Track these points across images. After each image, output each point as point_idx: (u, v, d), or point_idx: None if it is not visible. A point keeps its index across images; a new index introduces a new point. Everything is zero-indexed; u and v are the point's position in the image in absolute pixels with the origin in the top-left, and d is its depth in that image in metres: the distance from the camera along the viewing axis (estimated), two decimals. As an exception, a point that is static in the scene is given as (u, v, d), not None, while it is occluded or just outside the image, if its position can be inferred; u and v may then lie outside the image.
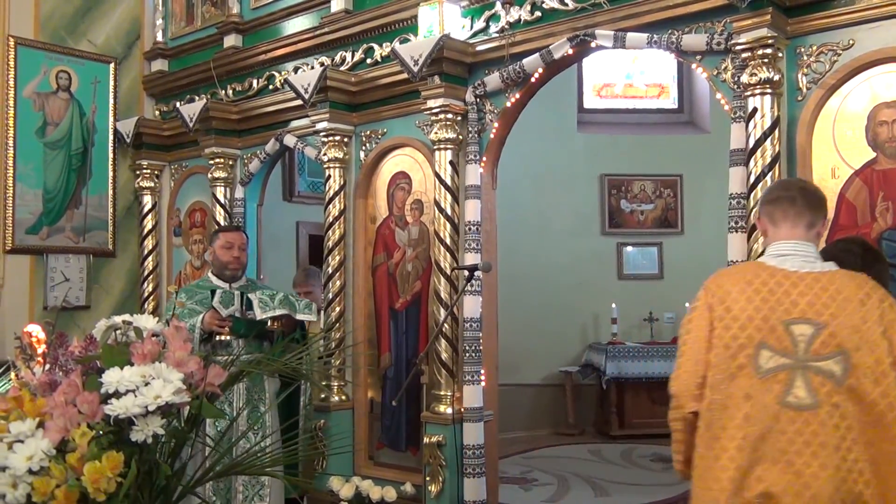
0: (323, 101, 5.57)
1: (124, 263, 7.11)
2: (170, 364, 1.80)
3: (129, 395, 1.72)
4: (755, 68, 3.90)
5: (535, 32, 4.85)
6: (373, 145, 5.68)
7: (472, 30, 5.14)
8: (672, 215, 9.96)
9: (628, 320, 9.34)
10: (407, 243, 5.49)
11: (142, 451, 1.75)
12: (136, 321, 1.94)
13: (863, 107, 3.79)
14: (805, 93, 3.94)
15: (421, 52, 4.89)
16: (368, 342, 5.62)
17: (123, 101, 7.12)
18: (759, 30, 3.86)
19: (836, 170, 3.84)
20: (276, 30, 6.37)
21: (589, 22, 4.60)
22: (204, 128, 6.40)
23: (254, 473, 2.07)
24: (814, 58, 3.93)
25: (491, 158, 5.16)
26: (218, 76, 6.61)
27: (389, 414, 5.48)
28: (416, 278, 5.42)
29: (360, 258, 5.68)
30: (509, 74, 4.88)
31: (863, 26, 3.80)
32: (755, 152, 3.89)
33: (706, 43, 4.16)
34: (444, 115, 5.03)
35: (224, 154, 6.47)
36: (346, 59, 5.85)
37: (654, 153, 9.74)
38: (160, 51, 7.16)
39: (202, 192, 6.81)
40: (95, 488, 1.58)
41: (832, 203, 3.83)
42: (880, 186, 3.72)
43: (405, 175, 5.55)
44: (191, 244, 6.95)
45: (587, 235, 9.72)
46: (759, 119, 3.89)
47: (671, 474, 7.06)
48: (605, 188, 9.88)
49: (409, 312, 5.45)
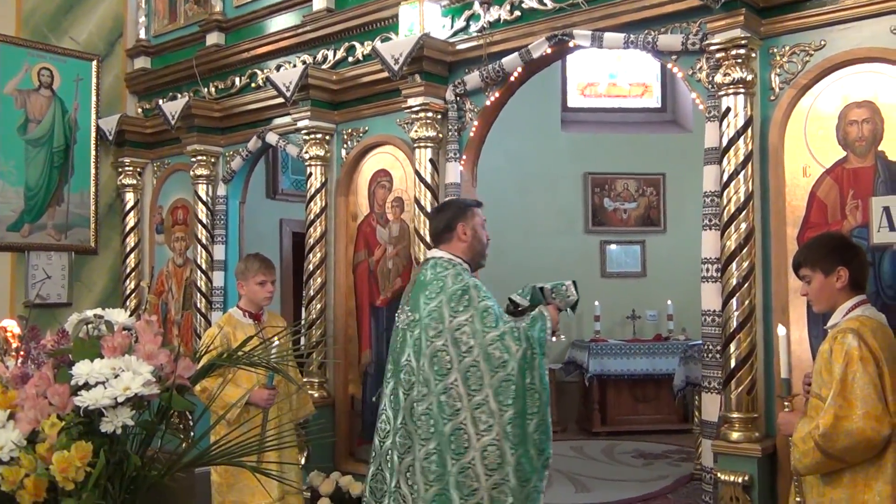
0: (304, 99, 5.61)
1: (106, 261, 7.12)
2: (140, 357, 1.82)
3: (99, 386, 1.74)
4: (729, 68, 3.95)
5: (514, 32, 4.90)
6: (354, 143, 5.71)
7: (453, 29, 5.19)
8: (655, 214, 10.04)
9: (611, 318, 9.41)
10: (388, 241, 5.53)
11: (112, 442, 1.78)
12: (108, 315, 1.97)
13: (834, 106, 3.85)
14: (778, 92, 4.00)
15: (401, 51, 4.93)
16: (349, 339, 5.65)
17: (106, 99, 7.13)
18: (733, 30, 3.91)
19: (807, 168, 3.90)
20: (258, 28, 6.40)
21: (567, 22, 4.65)
22: (186, 125, 6.42)
23: (227, 464, 2.09)
24: (786, 58, 3.99)
25: (471, 156, 5.20)
26: (200, 74, 6.62)
27: (370, 410, 5.51)
28: (397, 275, 5.45)
29: (342, 255, 5.71)
30: (489, 73, 4.92)
31: (834, 27, 3.86)
32: (728, 151, 3.95)
33: (681, 43, 4.22)
34: (425, 113, 5.07)
35: (206, 151, 6.49)
36: (328, 58, 5.88)
37: (637, 152, 9.81)
38: (143, 48, 7.17)
39: (184, 189, 6.83)
40: (64, 477, 1.61)
41: (803, 201, 3.89)
42: (850, 185, 3.78)
43: (386, 173, 5.58)
44: (173, 242, 6.96)
45: (570, 233, 9.78)
46: (733, 118, 3.95)
47: (651, 470, 7.17)
48: (589, 186, 9.94)
49: (389, 309, 5.48)
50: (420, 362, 3.33)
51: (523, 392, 3.28)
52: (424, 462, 3.26)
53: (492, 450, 3.22)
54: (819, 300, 3.11)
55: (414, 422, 3.33)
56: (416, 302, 3.43)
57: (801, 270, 3.14)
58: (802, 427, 2.96)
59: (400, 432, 3.38)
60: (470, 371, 3.26)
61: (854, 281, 3.05)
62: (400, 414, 3.39)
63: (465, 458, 3.25)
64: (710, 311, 4.07)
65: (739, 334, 3.88)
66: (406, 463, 3.35)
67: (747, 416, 3.85)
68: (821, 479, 3.00)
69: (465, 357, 3.27)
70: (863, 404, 2.81)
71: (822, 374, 2.98)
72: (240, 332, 4.04)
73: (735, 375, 3.87)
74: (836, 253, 3.07)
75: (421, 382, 3.31)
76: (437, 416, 3.27)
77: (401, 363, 3.43)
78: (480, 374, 3.25)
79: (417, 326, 3.37)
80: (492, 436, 3.22)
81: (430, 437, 3.27)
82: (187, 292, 6.72)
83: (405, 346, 3.42)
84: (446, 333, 3.30)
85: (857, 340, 2.87)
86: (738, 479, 3.76)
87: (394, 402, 3.45)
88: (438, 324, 3.32)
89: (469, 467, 3.24)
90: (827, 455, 2.86)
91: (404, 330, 3.45)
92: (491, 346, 3.27)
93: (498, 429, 3.23)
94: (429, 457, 3.25)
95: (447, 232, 3.58)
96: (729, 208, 3.93)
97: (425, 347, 3.32)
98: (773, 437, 3.86)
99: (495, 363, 3.26)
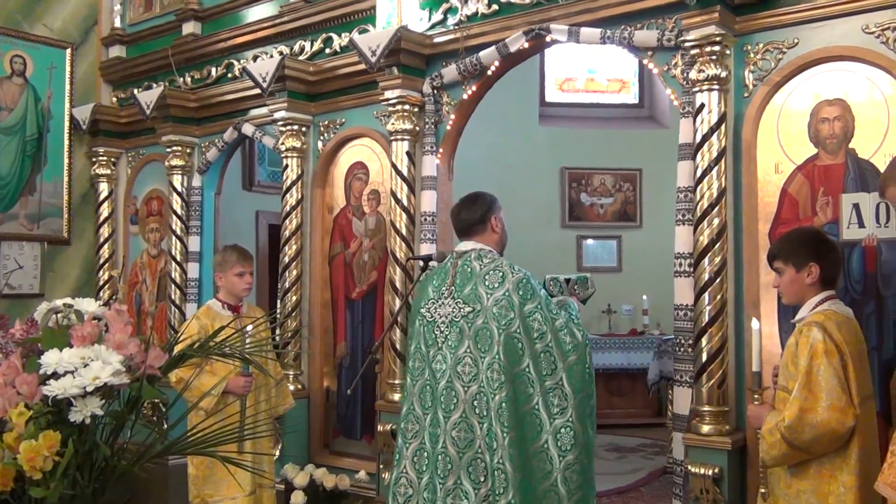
0: (281, 91, 5.59)
1: (79, 251, 7.05)
2: (110, 346, 1.82)
3: (68, 376, 1.74)
4: (703, 65, 3.98)
5: (491, 25, 4.90)
6: (331, 135, 5.70)
7: (430, 22, 5.18)
8: (631, 209, 10.10)
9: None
10: (364, 233, 5.52)
11: (81, 432, 1.78)
12: (77, 304, 1.96)
13: (806, 104, 3.89)
14: (751, 89, 4.04)
15: (379, 43, 4.92)
16: (324, 331, 5.64)
17: (80, 88, 7.05)
18: (708, 27, 3.94)
19: (779, 165, 3.94)
20: (235, 18, 6.36)
21: (544, 16, 4.66)
22: (161, 115, 6.38)
23: (196, 454, 2.09)
24: (760, 55, 4.02)
25: (447, 150, 5.21)
26: (176, 63, 6.57)
27: (345, 402, 5.52)
28: (373, 268, 5.45)
29: (317, 247, 5.70)
30: (466, 67, 4.93)
31: (807, 25, 3.89)
32: (702, 147, 3.98)
33: (657, 39, 4.25)
34: (402, 105, 5.07)
35: (181, 142, 6.45)
36: (305, 49, 5.86)
37: (614, 147, 9.86)
38: (118, 37, 7.11)
39: (159, 179, 6.78)
40: (31, 466, 1.60)
41: (775, 197, 3.94)
42: (821, 182, 3.83)
43: (362, 165, 5.58)
44: (147, 232, 6.92)
45: (548, 228, 9.82)
46: (707, 114, 3.98)
47: (625, 464, 7.21)
48: (566, 181, 9.99)
49: (365, 302, 5.49)
50: (494, 352, 3.33)
51: (588, 375, 3.45)
52: (511, 450, 3.27)
53: (565, 431, 3.34)
54: (788, 293, 3.17)
55: (485, 414, 3.33)
56: (473, 293, 3.43)
57: (774, 262, 3.20)
58: (770, 419, 3.01)
59: (460, 426, 3.37)
60: (542, 356, 3.36)
61: (825, 277, 3.10)
62: (458, 408, 3.38)
63: (538, 442, 3.34)
64: (682, 306, 4.10)
65: (711, 328, 3.91)
66: (467, 458, 3.34)
67: (718, 409, 3.89)
68: (788, 470, 3.05)
69: (536, 343, 3.35)
70: (827, 396, 2.86)
71: (788, 367, 3.03)
72: (218, 324, 4.01)
73: (706, 369, 3.91)
74: (810, 249, 3.12)
75: (497, 371, 3.32)
76: (514, 403, 3.32)
77: (457, 356, 3.40)
78: (553, 358, 3.36)
79: (481, 316, 3.39)
80: (565, 418, 3.34)
81: (513, 426, 3.30)
82: (161, 283, 6.68)
83: (462, 338, 3.40)
84: (517, 320, 3.33)
85: (822, 334, 2.92)
86: (709, 471, 3.80)
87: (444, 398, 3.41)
88: (509, 311, 3.34)
89: (542, 451, 3.33)
90: (793, 447, 2.91)
91: (457, 322, 3.42)
92: (561, 333, 3.39)
93: (571, 410, 3.35)
94: (512, 444, 3.27)
95: (481, 224, 3.62)
96: (702, 204, 3.96)
97: (498, 336, 3.34)
98: (743, 431, 3.91)
99: (566, 348, 3.39)
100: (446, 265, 3.58)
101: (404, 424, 3.52)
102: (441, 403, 3.39)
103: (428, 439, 3.41)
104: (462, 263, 3.51)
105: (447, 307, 3.47)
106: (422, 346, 3.50)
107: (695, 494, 3.84)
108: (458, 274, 3.50)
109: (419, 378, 3.48)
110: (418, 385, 3.48)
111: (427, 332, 3.49)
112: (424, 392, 3.45)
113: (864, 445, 2.93)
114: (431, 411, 3.41)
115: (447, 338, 3.43)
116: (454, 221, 3.71)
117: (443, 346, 3.43)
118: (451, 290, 3.48)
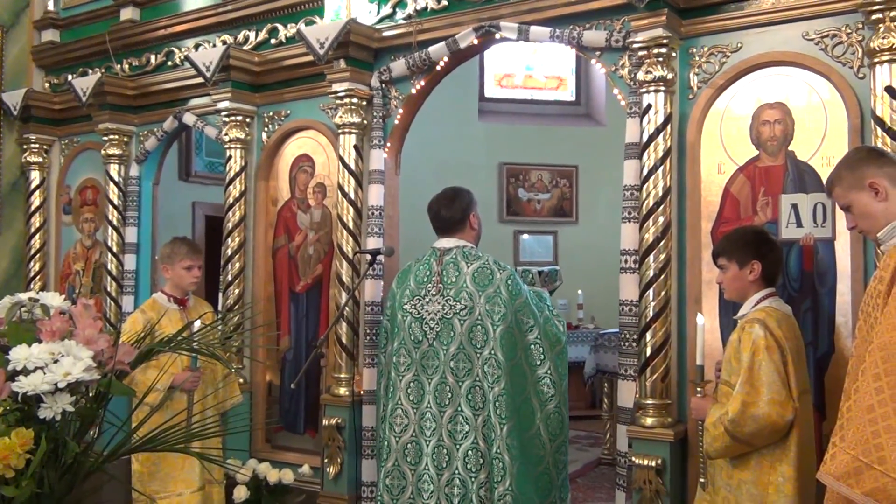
0: (225, 81, 5.49)
1: (8, 241, 6.81)
2: (79, 341, 1.79)
3: (38, 372, 1.70)
4: (651, 66, 4.08)
5: (440, 21, 4.91)
6: (275, 127, 5.63)
7: (379, 15, 5.16)
8: (567, 205, 10.26)
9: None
10: (309, 226, 5.48)
11: (49, 429, 1.74)
12: (43, 298, 1.92)
13: (748, 107, 4.01)
14: (696, 91, 4.15)
15: (327, 36, 4.88)
16: (268, 325, 5.59)
17: (10, 72, 6.80)
18: (655, 29, 4.03)
19: (722, 165, 4.06)
20: (175, 5, 6.21)
21: (494, 14, 4.70)
22: (98, 103, 6.19)
23: (151, 450, 2.06)
24: (705, 58, 4.14)
25: (395, 144, 5.20)
26: (113, 50, 6.40)
27: (288, 397, 5.48)
28: (318, 261, 5.42)
29: (261, 240, 5.64)
30: (415, 61, 4.93)
31: (751, 31, 4.02)
32: (648, 146, 4.07)
33: (605, 40, 4.32)
34: (350, 99, 5.04)
35: (119, 130, 6.29)
36: (250, 39, 5.77)
37: (551, 144, 9.98)
38: (52, 20, 6.87)
39: (94, 168, 6.59)
40: (5, 465, 1.57)
41: (718, 197, 4.06)
42: (762, 182, 3.96)
43: (308, 158, 5.53)
44: (81, 223, 6.72)
45: (485, 223, 9.71)
46: (653, 115, 4.07)
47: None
48: (504, 176, 10.08)
49: (309, 295, 5.45)
50: (490, 346, 3.38)
51: (566, 363, 3.65)
52: (508, 441, 3.31)
53: (554, 416, 3.54)
54: (731, 289, 3.32)
55: (481, 406, 3.36)
56: (463, 290, 3.44)
57: (719, 259, 3.33)
58: (714, 413, 3.13)
59: (454, 420, 3.42)
60: (532, 348, 3.52)
61: (766, 275, 3.24)
62: (452, 402, 3.42)
63: (531, 430, 3.49)
64: (627, 301, 4.19)
65: (655, 324, 4.01)
66: (464, 449, 3.38)
67: (661, 402, 3.99)
68: (730, 461, 3.16)
69: (527, 335, 3.50)
70: (768, 391, 2.99)
71: (731, 362, 3.16)
72: (165, 318, 3.95)
73: (650, 363, 4.01)
74: (753, 247, 3.25)
75: (493, 366, 3.38)
76: (511, 395, 3.41)
77: (450, 353, 3.42)
78: (542, 349, 3.53)
79: (474, 313, 3.45)
80: (554, 404, 3.54)
81: (510, 417, 3.34)
82: (96, 275, 6.51)
83: (453, 334, 3.42)
84: (510, 315, 3.40)
85: (763, 330, 3.05)
86: (652, 462, 3.90)
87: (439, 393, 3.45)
88: (501, 307, 3.42)
89: (535, 437, 3.49)
90: (735, 439, 3.03)
91: (449, 319, 3.44)
92: (547, 325, 3.56)
93: (559, 397, 3.56)
94: (510, 435, 3.31)
95: (461, 222, 3.66)
96: (648, 202, 4.06)
97: (493, 331, 3.36)
98: (684, 423, 4.03)
99: (552, 339, 3.57)
100: (429, 261, 3.62)
101: (391, 418, 3.58)
102: (435, 398, 3.45)
103: (420, 432, 3.47)
104: (447, 261, 3.55)
105: (436, 304, 3.52)
106: (407, 342, 3.53)
107: (638, 485, 3.94)
108: (443, 272, 3.54)
109: (405, 373, 3.51)
110: (405, 380, 3.51)
111: (414, 329, 3.53)
112: (412, 387, 3.49)
113: (802, 437, 3.07)
114: (421, 405, 3.47)
115: (438, 334, 3.49)
116: (433, 219, 3.75)
117: (434, 342, 3.48)
118: (440, 287, 3.52)
